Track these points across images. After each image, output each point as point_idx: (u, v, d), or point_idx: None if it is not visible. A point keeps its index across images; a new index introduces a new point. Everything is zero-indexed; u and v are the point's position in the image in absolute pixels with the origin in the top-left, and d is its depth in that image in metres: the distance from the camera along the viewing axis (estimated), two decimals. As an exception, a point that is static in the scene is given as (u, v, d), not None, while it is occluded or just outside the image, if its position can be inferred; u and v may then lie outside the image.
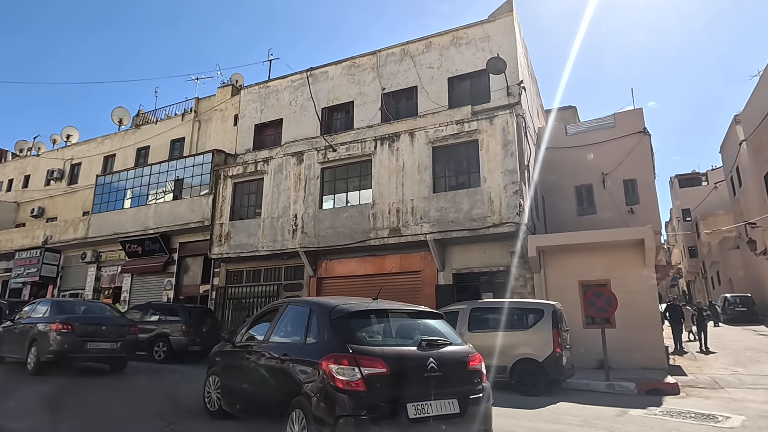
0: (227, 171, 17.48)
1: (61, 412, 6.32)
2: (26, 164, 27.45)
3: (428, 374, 4.14)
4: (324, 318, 4.52)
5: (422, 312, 5.08)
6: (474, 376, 4.51)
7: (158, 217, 18.59)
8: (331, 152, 15.49)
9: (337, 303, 4.75)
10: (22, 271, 22.15)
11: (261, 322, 5.77)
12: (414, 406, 4.00)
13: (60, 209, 24.18)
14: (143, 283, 19.40)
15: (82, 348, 9.11)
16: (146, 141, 22.66)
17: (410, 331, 4.73)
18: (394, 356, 4.17)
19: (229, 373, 5.77)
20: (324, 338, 4.40)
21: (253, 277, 16.86)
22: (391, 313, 4.82)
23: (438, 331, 4.77)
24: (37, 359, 9.13)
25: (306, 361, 4.39)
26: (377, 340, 4.49)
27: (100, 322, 9.81)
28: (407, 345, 4.47)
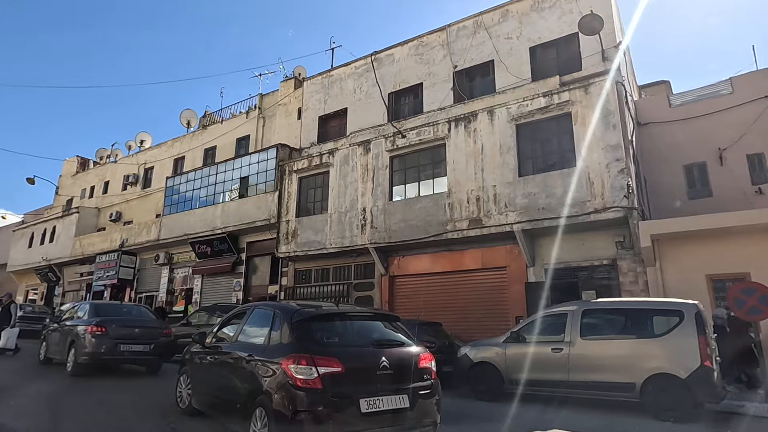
0: (292, 166, 16.66)
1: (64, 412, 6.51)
2: (105, 171, 28.45)
3: (380, 372, 4.44)
4: (286, 321, 4.77)
5: (379, 315, 5.52)
6: (423, 374, 4.79)
7: (225, 216, 18.15)
8: (400, 139, 14.16)
9: (299, 307, 5.07)
10: (102, 274, 22.70)
11: (230, 324, 6.01)
12: (366, 401, 4.29)
13: (135, 213, 24.67)
14: (213, 284, 19.08)
15: (116, 350, 9.31)
16: (213, 141, 22.50)
17: (366, 333, 5.01)
18: (349, 356, 4.48)
19: (199, 372, 6.05)
20: (285, 340, 4.65)
21: (322, 277, 15.90)
22: (349, 316, 5.17)
23: (392, 332, 5.11)
24: (74, 361, 9.34)
25: (269, 361, 4.61)
26: (334, 342, 4.75)
27: (134, 324, 9.94)
28: (362, 345, 4.79)
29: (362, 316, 5.33)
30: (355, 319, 5.21)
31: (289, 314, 4.83)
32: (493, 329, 11.88)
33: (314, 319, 4.87)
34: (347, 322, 5.12)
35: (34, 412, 6.49)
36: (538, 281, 11.83)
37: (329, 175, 15.68)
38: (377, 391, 4.40)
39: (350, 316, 5.18)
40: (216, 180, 19.15)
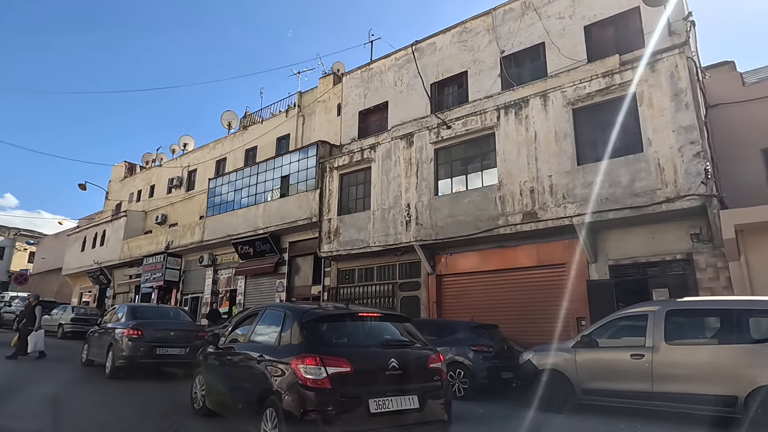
0: (333, 162, 16.18)
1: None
2: (151, 175, 28.98)
3: (390, 372, 4.42)
4: (296, 321, 4.77)
5: (389, 315, 5.42)
6: (433, 374, 4.79)
7: (267, 216, 17.89)
8: (445, 130, 13.41)
9: (310, 308, 5.13)
10: (149, 276, 23.02)
11: (243, 325, 6.06)
12: (375, 401, 4.27)
13: (180, 215, 24.92)
14: (256, 285, 18.88)
15: (152, 353, 9.31)
16: (253, 141, 22.40)
17: (376, 334, 5.01)
18: (358, 356, 4.49)
19: (212, 373, 6.08)
20: (295, 340, 4.65)
21: (366, 276, 15.34)
22: (358, 317, 5.15)
23: (402, 333, 5.11)
24: (112, 364, 9.39)
25: (279, 361, 4.63)
26: (343, 342, 4.76)
27: (170, 327, 10.01)
28: (371, 346, 4.80)
29: (372, 316, 5.28)
30: (365, 320, 5.19)
31: (299, 315, 4.86)
32: (551, 332, 10.97)
33: (323, 320, 4.89)
34: (357, 322, 5.14)
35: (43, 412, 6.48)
36: (602, 279, 10.84)
37: (371, 170, 15.10)
38: (386, 391, 4.39)
39: (360, 317, 5.18)
40: (257, 180, 18.95)
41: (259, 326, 5.55)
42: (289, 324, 4.89)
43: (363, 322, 5.17)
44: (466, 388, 8.25)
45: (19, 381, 8.99)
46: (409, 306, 14.12)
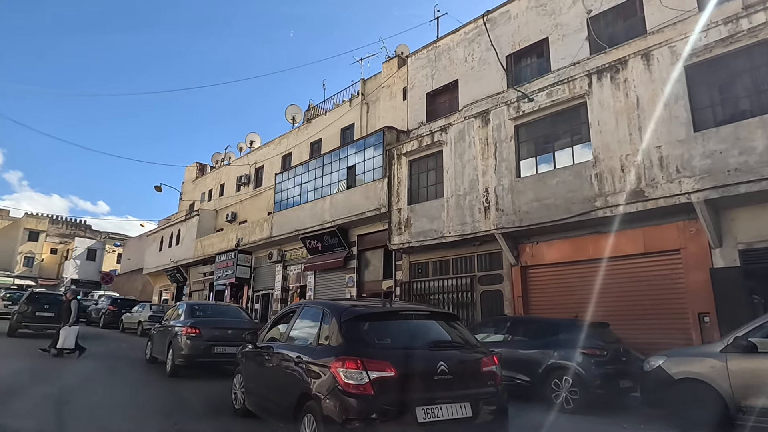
0: (400, 149, 15.15)
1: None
2: (221, 174, 29.42)
3: (438, 377, 4.04)
4: (335, 320, 4.45)
5: (436, 313, 5.06)
6: (488, 379, 4.34)
7: (334, 209, 17.20)
8: (526, 104, 11.95)
9: (349, 305, 4.76)
10: (222, 274, 23.18)
11: (281, 323, 5.78)
12: (423, 409, 3.89)
13: (248, 212, 24.97)
14: (325, 280, 18.28)
15: (209, 352, 9.22)
16: (318, 134, 21.87)
17: (422, 334, 4.58)
18: (403, 359, 4.08)
19: (251, 373, 5.89)
20: (334, 341, 4.34)
21: (441, 270, 14.19)
22: (402, 315, 4.83)
23: (451, 332, 4.69)
24: (172, 362, 9.38)
25: (317, 364, 4.31)
26: (386, 343, 4.35)
27: (227, 326, 9.81)
28: (417, 347, 4.36)
29: (417, 315, 4.92)
30: (410, 319, 4.81)
31: (338, 313, 4.52)
32: (663, 331, 9.42)
33: (364, 319, 4.53)
34: (401, 321, 4.74)
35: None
36: (730, 267, 9.01)
37: (443, 154, 13.91)
38: (435, 398, 3.99)
39: (404, 315, 4.83)
40: (322, 172, 18.32)
41: (297, 325, 5.27)
42: (327, 323, 4.57)
43: (408, 321, 4.76)
44: (575, 399, 6.91)
45: (75, 377, 8.96)
46: (490, 301, 12.84)
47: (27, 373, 8.78)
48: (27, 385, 7.70)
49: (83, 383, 8.33)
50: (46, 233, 64.46)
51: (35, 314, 15.62)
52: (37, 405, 6.40)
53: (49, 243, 64.56)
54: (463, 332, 4.80)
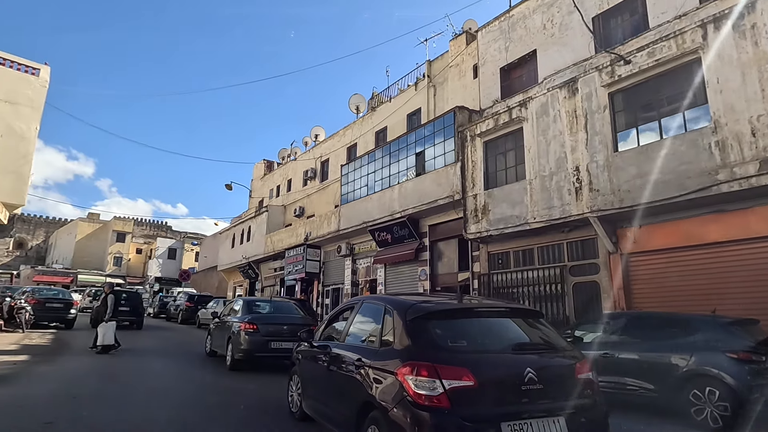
0: (474, 130, 13.94)
1: None
2: (287, 170, 29.43)
3: (526, 387, 3.40)
4: (399, 319, 3.88)
5: (517, 310, 4.42)
6: (584, 388, 3.62)
7: (403, 198, 16.28)
8: (622, 67, 10.37)
9: (415, 301, 4.15)
10: (291, 269, 23.03)
11: (338, 320, 5.27)
12: (510, 426, 3.25)
13: (316, 206, 24.67)
14: (396, 273, 17.44)
15: (266, 347, 9.39)
16: (383, 122, 21.05)
17: (503, 335, 3.96)
18: (484, 365, 3.47)
19: (308, 374, 5.47)
20: (399, 343, 3.77)
21: (524, 260, 12.88)
22: (479, 312, 4.20)
23: (536, 332, 4.01)
24: (232, 356, 9.68)
25: (381, 369, 3.77)
26: (462, 346, 3.73)
27: (283, 321, 9.97)
28: (499, 351, 3.76)
29: (496, 312, 4.28)
30: (487, 316, 4.18)
31: (403, 310, 3.96)
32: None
33: (434, 316, 3.94)
34: (477, 320, 4.12)
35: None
36: None
37: (523, 132, 12.56)
38: (523, 411, 3.35)
39: (480, 313, 4.22)
40: (389, 161, 17.45)
41: (356, 323, 4.75)
42: (390, 321, 4.02)
43: (484, 320, 4.13)
44: (725, 417, 5.51)
45: (136, 370, 9.10)
46: (583, 294, 11.41)
47: (92, 367, 8.62)
48: (90, 378, 7.43)
49: (147, 375, 8.26)
50: (132, 234, 68.90)
51: (114, 309, 15.98)
52: (99, 397, 5.99)
53: (134, 243, 68.96)
54: (549, 332, 4.11)
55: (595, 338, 7.09)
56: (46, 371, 7.91)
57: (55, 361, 9.02)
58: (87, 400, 6.01)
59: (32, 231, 74.66)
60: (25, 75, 17.60)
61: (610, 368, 6.55)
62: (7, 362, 8.52)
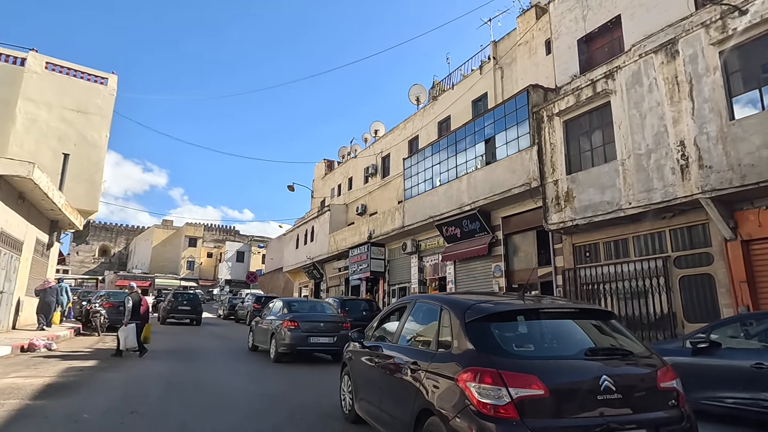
0: (551, 109, 12.59)
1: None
2: (348, 168, 28.97)
3: (603, 396, 3.04)
4: (457, 320, 3.59)
5: (587, 311, 3.98)
6: (668, 399, 3.25)
7: (472, 189, 15.14)
8: (736, 18, 8.73)
9: (474, 301, 3.80)
10: (356, 268, 22.44)
11: (390, 320, 5.10)
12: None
13: (378, 203, 23.96)
14: (467, 270, 16.31)
15: (306, 342, 10.49)
16: (445, 112, 19.96)
17: (573, 338, 3.62)
18: (554, 372, 3.12)
19: (360, 375, 5.21)
20: (459, 346, 3.46)
21: (617, 252, 11.41)
22: (545, 313, 3.75)
23: (611, 336, 3.63)
24: (275, 350, 10.73)
25: (439, 374, 3.48)
26: (529, 351, 3.45)
27: (319, 319, 11.00)
28: (570, 357, 3.39)
29: (563, 313, 3.81)
30: (554, 318, 3.73)
31: (461, 311, 3.59)
32: None
33: (496, 318, 3.51)
34: (544, 322, 3.68)
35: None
36: None
37: (611, 107, 11.10)
38: (600, 425, 2.96)
39: (547, 314, 3.71)
40: (455, 150, 16.35)
41: (409, 323, 4.51)
42: (448, 323, 3.72)
43: (552, 322, 3.76)
44: None
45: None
46: (694, 288, 9.84)
47: (156, 373, 8.24)
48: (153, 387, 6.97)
49: (207, 382, 7.98)
50: (203, 239, 71.81)
51: (177, 308, 21.48)
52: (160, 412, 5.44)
53: (205, 248, 71.83)
54: (624, 335, 3.69)
55: (739, 343, 5.71)
56: (110, 379, 7.57)
57: (122, 366, 8.78)
58: (146, 415, 5.47)
59: (114, 239, 79.81)
60: (94, 84, 18.14)
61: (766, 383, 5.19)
62: (75, 368, 8.33)
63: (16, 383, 6.90)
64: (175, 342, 14.19)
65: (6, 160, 10.95)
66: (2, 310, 12.24)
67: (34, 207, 13.61)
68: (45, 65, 17.33)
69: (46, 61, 17.38)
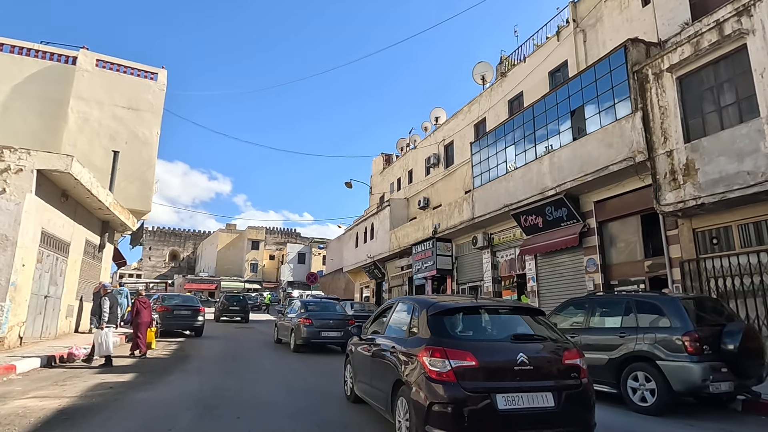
0: (659, 64, 10.26)
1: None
2: (407, 160, 27.26)
3: (518, 367, 4.13)
4: (422, 314, 4.73)
5: (519, 308, 5.19)
6: (570, 371, 4.33)
7: (557, 170, 12.97)
8: None
9: (436, 301, 4.95)
10: (420, 266, 20.65)
11: (382, 317, 6.11)
12: (504, 397, 3.98)
13: (442, 195, 22.07)
14: (552, 266, 14.11)
15: (319, 336, 12.42)
16: (516, 88, 17.76)
17: (505, 328, 4.77)
18: (484, 350, 4.25)
19: (358, 362, 6.24)
20: (422, 333, 4.60)
21: (758, 237, 8.94)
22: (485, 309, 4.89)
23: (535, 327, 4.79)
24: (294, 342, 12.65)
25: (408, 353, 4.60)
26: (468, 335, 4.56)
27: (329, 317, 12.96)
28: (498, 340, 4.57)
29: (500, 309, 5.06)
30: (493, 313, 4.92)
31: (426, 307, 4.75)
32: None
33: (449, 312, 4.69)
34: (485, 315, 4.84)
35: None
36: None
37: (747, 51, 8.69)
38: (515, 387, 4.04)
39: (488, 310, 4.90)
40: (533, 127, 14.21)
41: (393, 318, 5.54)
42: (417, 316, 4.85)
43: (492, 316, 4.86)
44: None
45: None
46: None
47: (194, 392, 6.89)
48: (184, 413, 5.57)
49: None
50: (265, 242, 72.68)
51: (228, 308, 24.93)
52: None
53: (267, 250, 72.66)
54: (548, 327, 4.82)
55: None
56: (139, 400, 6.27)
57: (158, 382, 7.52)
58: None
59: (183, 244, 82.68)
60: (144, 80, 17.55)
61: None
62: (104, 386, 7.13)
63: (26, 407, 5.71)
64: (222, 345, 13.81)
65: (44, 154, 10.11)
66: (49, 317, 11.52)
67: (80, 206, 12.91)
68: (95, 62, 16.91)
69: (97, 59, 16.96)
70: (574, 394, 4.15)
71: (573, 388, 4.17)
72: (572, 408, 4.10)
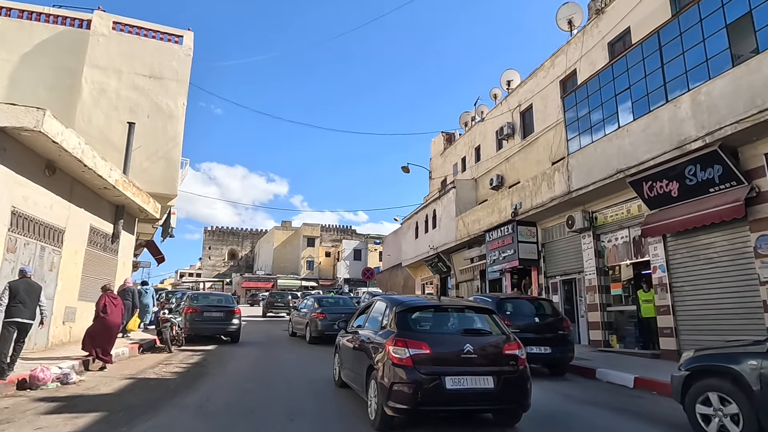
0: None
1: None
2: (473, 135, 23.66)
3: (465, 355, 5.03)
4: (392, 311, 5.67)
5: (471, 307, 6.05)
6: (509, 360, 5.19)
7: (706, 112, 9.14)
8: None
9: (404, 300, 6.03)
10: (497, 256, 17.08)
11: (363, 314, 7.11)
12: (451, 379, 4.87)
13: (519, 170, 18.37)
14: (695, 249, 10.24)
15: (331, 328, 12.81)
16: (618, 26, 13.88)
17: (458, 323, 5.77)
18: (437, 341, 5.22)
19: (343, 353, 7.25)
20: (390, 326, 5.52)
21: None
22: (443, 308, 5.91)
23: (484, 323, 5.75)
24: (310, 335, 14.15)
25: (379, 343, 5.50)
26: (425, 328, 5.57)
27: (342, 311, 13.76)
28: (450, 333, 5.61)
29: (456, 308, 5.99)
30: (450, 311, 5.91)
31: (394, 305, 5.70)
32: None
33: (413, 310, 5.65)
34: (442, 313, 5.86)
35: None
36: None
37: None
38: (461, 371, 4.93)
39: (445, 308, 5.89)
40: (661, 59, 10.39)
41: (372, 314, 6.49)
42: (388, 313, 5.78)
43: (448, 313, 5.88)
44: None
45: None
46: None
47: None
48: None
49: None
50: (320, 239, 70.97)
51: (273, 305, 28.75)
52: None
53: (323, 247, 70.93)
54: (493, 323, 5.71)
55: None
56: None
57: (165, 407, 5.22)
58: None
59: (240, 242, 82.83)
60: (168, 44, 15.15)
61: None
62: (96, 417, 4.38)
63: None
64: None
65: (4, 106, 7.57)
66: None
67: (79, 184, 10.47)
68: (112, 26, 14.67)
69: (114, 21, 14.73)
70: (512, 378, 5.06)
71: (510, 374, 5.08)
72: (509, 390, 5.01)
